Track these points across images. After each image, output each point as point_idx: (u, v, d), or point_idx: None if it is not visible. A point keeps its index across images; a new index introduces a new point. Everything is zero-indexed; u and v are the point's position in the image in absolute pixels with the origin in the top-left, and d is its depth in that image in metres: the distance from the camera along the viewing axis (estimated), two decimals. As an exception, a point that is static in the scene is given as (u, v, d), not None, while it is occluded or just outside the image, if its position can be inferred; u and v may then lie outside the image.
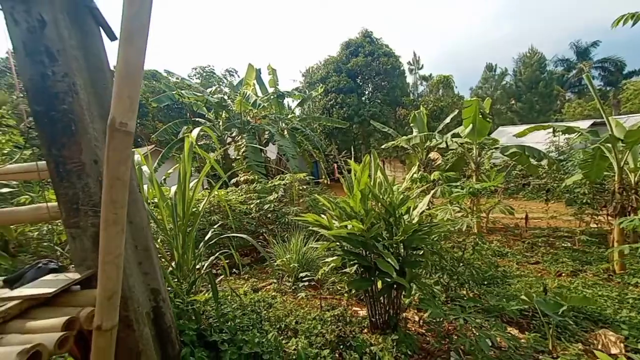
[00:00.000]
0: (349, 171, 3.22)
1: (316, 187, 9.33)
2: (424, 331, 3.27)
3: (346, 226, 2.94)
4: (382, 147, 11.15)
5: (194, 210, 3.55)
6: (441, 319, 2.69)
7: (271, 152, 13.41)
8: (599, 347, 3.10)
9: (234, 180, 7.42)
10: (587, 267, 5.83)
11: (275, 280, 4.31)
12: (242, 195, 6.44)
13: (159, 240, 3.11)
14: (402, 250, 2.88)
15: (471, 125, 7.74)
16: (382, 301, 3.03)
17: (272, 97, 10.91)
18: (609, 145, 5.62)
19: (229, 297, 3.29)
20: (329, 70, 25.07)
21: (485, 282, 4.80)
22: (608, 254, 5.76)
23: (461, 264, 4.01)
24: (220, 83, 25.35)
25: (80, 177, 1.48)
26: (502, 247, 7.27)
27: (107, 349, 1.25)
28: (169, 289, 2.31)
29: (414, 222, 2.77)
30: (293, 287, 4.08)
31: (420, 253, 3.01)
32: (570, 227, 8.26)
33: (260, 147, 9.67)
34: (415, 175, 3.74)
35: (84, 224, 1.48)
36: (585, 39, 33.13)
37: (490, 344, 2.39)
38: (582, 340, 3.26)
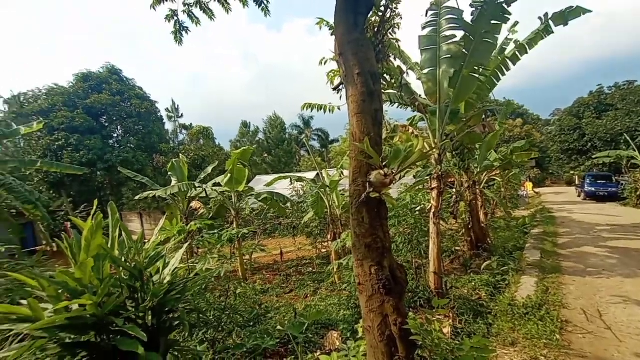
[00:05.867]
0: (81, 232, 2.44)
1: (28, 258, 6.50)
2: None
3: (68, 309, 2.14)
4: (137, 197, 9.70)
5: None
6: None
7: None
8: (329, 346, 3.91)
9: None
10: (322, 285, 7.49)
11: None
12: None
13: None
14: (152, 319, 2.43)
15: (229, 175, 8.39)
16: (129, 395, 2.36)
17: None
18: (323, 190, 7.80)
19: None
20: (56, 102, 19.55)
21: (251, 323, 5.00)
22: (330, 270, 7.73)
23: (226, 313, 3.96)
24: None
25: None
26: (265, 284, 8.02)
27: None
28: None
29: (165, 282, 2.45)
30: None
31: (177, 315, 2.67)
32: (311, 255, 10.48)
33: None
34: (168, 228, 3.44)
35: None
36: (307, 113, 46.09)
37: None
38: (321, 346, 4.02)
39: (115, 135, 22.13)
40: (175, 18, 4.68)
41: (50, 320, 2.00)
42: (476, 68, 4.89)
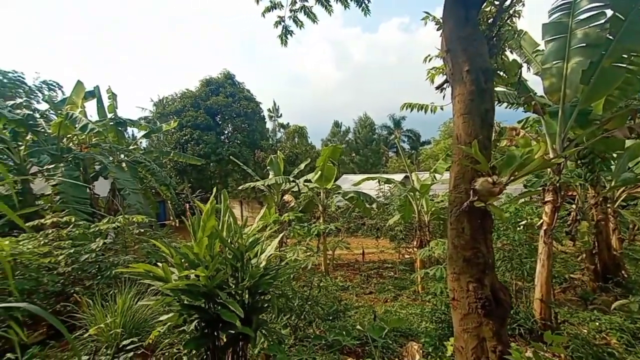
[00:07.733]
0: (201, 212, 2.93)
1: (160, 230, 8.10)
2: (272, 381, 3.10)
3: (187, 276, 2.58)
4: (240, 187, 11.03)
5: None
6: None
7: (103, 188, 10.97)
8: (408, 357, 3.73)
9: (32, 224, 5.46)
10: (403, 292, 7.20)
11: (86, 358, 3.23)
12: (46, 244, 4.80)
13: None
14: (248, 297, 2.74)
15: (319, 172, 8.79)
16: (227, 358, 2.73)
17: (109, 123, 9.18)
18: (412, 193, 7.44)
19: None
20: (186, 104, 23.75)
21: (330, 317, 5.15)
22: (414, 279, 7.35)
23: (308, 303, 4.18)
24: (32, 96, 19.61)
25: None
26: (345, 281, 8.15)
27: None
28: None
29: (261, 266, 2.72)
30: (111, 363, 3.16)
31: (267, 298, 2.94)
32: (393, 259, 10.19)
33: (85, 181, 7.76)
34: (267, 217, 3.81)
35: None
36: (398, 114, 44.50)
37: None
38: (399, 355, 3.88)
39: (226, 132, 25.59)
40: (283, 23, 5.14)
41: (176, 284, 2.45)
42: (624, 56, 3.90)
